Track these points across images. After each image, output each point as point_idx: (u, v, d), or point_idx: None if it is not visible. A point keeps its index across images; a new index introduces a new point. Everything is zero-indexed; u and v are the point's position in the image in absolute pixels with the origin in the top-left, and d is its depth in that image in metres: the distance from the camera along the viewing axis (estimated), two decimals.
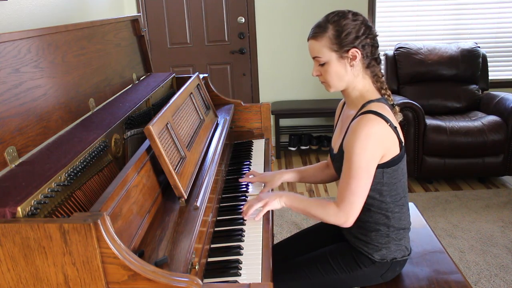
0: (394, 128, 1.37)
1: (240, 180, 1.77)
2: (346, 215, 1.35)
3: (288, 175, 1.76)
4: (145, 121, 1.63)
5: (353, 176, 1.32)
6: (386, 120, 1.34)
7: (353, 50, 1.37)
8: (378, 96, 1.43)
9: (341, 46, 1.36)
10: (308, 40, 1.44)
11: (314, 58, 1.43)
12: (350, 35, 1.36)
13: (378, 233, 1.44)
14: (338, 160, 1.46)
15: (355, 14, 1.39)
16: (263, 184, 1.75)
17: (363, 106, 1.39)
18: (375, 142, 1.32)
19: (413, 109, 3.25)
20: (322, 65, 1.41)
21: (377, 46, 1.42)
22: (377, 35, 1.42)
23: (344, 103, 1.59)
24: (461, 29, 4.26)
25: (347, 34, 1.36)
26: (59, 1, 2.58)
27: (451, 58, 3.74)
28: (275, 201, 1.48)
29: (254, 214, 1.50)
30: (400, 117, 1.45)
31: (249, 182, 1.76)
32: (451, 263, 1.59)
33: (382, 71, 1.49)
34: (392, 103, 1.46)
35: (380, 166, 1.37)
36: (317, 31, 1.39)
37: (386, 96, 1.45)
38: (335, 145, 1.54)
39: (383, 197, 1.42)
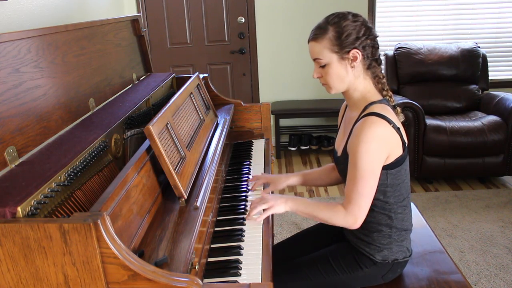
0: (397, 129, 1.37)
1: (248, 181, 1.75)
2: (355, 217, 1.36)
3: (293, 179, 1.75)
4: (145, 121, 1.63)
5: (359, 178, 1.33)
6: (389, 121, 1.34)
7: (353, 51, 1.37)
8: (379, 97, 1.43)
9: (342, 47, 1.36)
10: (308, 42, 1.44)
11: (314, 60, 1.42)
12: (350, 36, 1.36)
13: (380, 234, 1.44)
14: (342, 163, 1.47)
15: (355, 16, 1.39)
16: (262, 185, 1.74)
17: (366, 108, 1.39)
18: (379, 144, 1.32)
19: (413, 109, 3.25)
20: (323, 67, 1.41)
21: (378, 47, 1.42)
22: (377, 36, 1.42)
23: (347, 105, 1.59)
24: (461, 29, 4.25)
25: (347, 35, 1.36)
26: (59, 1, 2.58)
27: (451, 58, 3.74)
28: (280, 206, 1.44)
29: (257, 214, 1.47)
30: (402, 118, 1.45)
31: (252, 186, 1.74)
32: (451, 263, 1.59)
33: (383, 71, 1.49)
34: (393, 104, 1.46)
35: (384, 168, 1.37)
36: (318, 33, 1.39)
37: (387, 98, 1.45)
38: (338, 147, 1.54)
39: (387, 198, 1.42)
